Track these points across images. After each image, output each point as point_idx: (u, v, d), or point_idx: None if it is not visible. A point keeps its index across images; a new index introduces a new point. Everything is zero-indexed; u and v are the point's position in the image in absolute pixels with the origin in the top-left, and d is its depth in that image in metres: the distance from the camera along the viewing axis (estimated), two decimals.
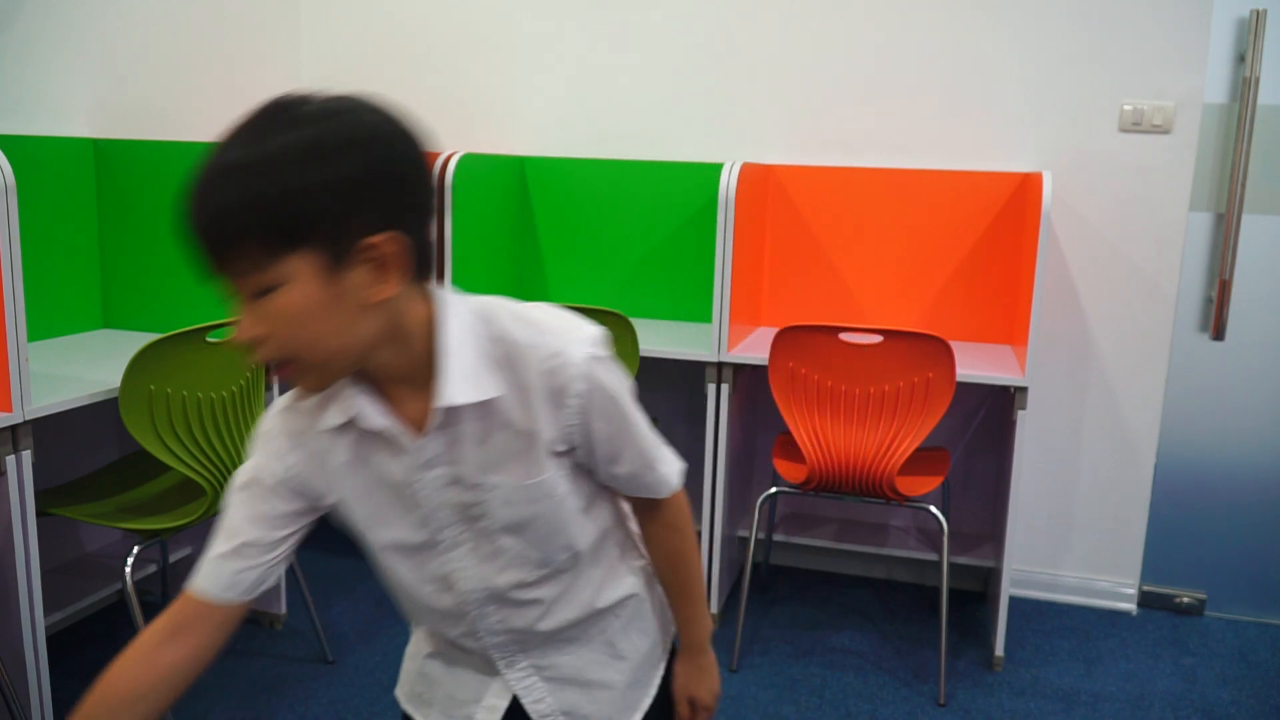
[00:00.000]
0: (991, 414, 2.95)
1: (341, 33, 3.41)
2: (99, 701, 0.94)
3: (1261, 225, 2.76)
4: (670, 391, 3.13)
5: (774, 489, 2.56)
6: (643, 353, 2.55)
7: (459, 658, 1.14)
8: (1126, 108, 2.75)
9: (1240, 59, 2.70)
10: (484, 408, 0.94)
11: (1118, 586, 2.97)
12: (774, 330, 2.39)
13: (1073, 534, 3.00)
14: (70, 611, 2.41)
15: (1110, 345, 2.87)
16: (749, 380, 2.84)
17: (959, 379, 2.31)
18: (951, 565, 2.68)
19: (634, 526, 1.16)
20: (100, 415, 2.21)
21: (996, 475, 2.89)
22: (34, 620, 1.91)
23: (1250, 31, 2.65)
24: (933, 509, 2.46)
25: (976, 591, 3.04)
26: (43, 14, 2.50)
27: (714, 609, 2.75)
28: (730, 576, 2.92)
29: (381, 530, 1.02)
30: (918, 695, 2.44)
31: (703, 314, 3.00)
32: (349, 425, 0.96)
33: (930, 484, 2.47)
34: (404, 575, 1.05)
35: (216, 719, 2.25)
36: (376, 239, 0.84)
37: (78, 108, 2.61)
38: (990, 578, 2.91)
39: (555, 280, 3.24)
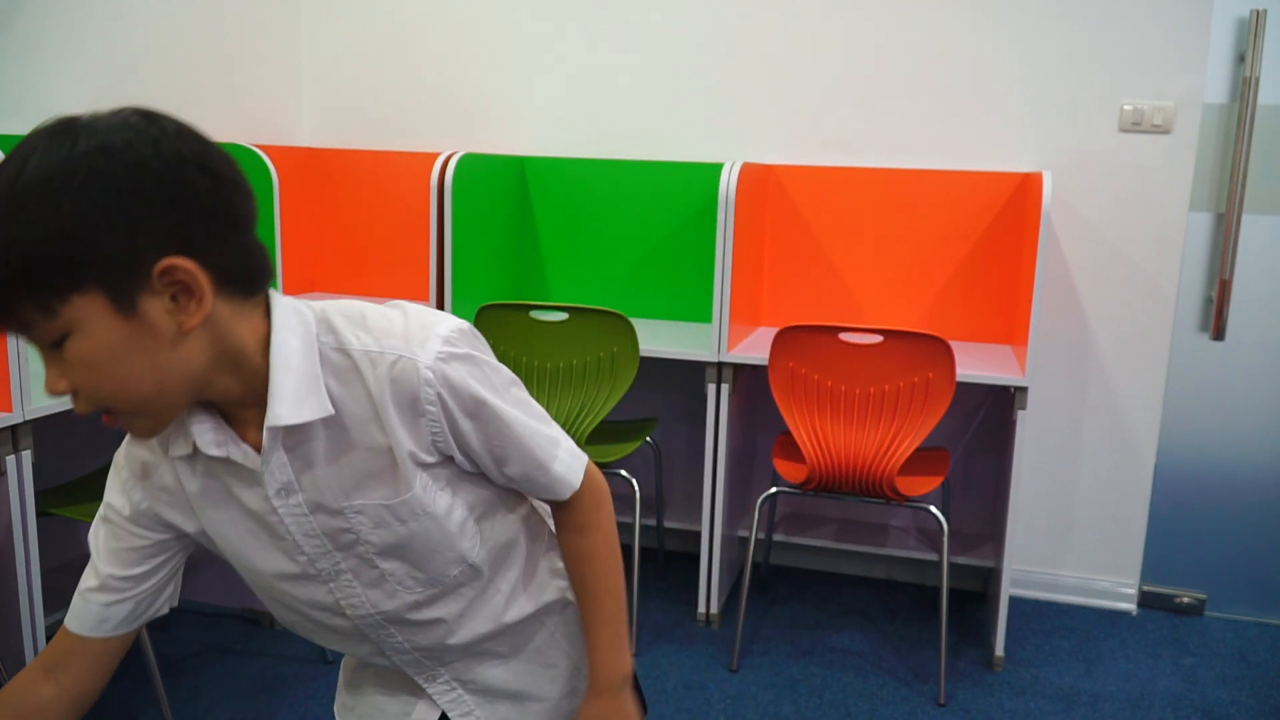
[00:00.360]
0: (991, 414, 2.95)
1: (341, 33, 3.41)
2: None
3: (1261, 225, 2.76)
4: (670, 391, 3.13)
5: (774, 489, 2.56)
6: (643, 353, 2.55)
7: (383, 670, 1.08)
8: (1126, 108, 2.75)
9: (1240, 59, 2.70)
10: (331, 426, 0.87)
11: (1118, 586, 2.97)
12: (774, 330, 2.39)
13: (1073, 534, 3.00)
14: None
15: (1110, 345, 2.87)
16: (749, 380, 2.84)
17: (959, 379, 2.31)
18: (951, 565, 2.68)
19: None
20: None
21: (996, 475, 2.89)
22: (34, 620, 1.91)
23: (1250, 31, 2.65)
24: (933, 509, 2.46)
25: (976, 591, 3.04)
26: (43, 14, 2.50)
27: (714, 609, 2.75)
28: (730, 576, 2.92)
29: (253, 561, 0.95)
30: (918, 695, 2.44)
31: (703, 314, 3.00)
32: (197, 457, 0.89)
33: (930, 484, 2.47)
34: (290, 602, 0.98)
35: (216, 719, 2.25)
36: (163, 264, 0.75)
37: (77, 108, 2.60)
38: (990, 578, 2.91)
39: (555, 280, 3.24)
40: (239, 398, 0.85)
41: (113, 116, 0.76)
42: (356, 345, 0.87)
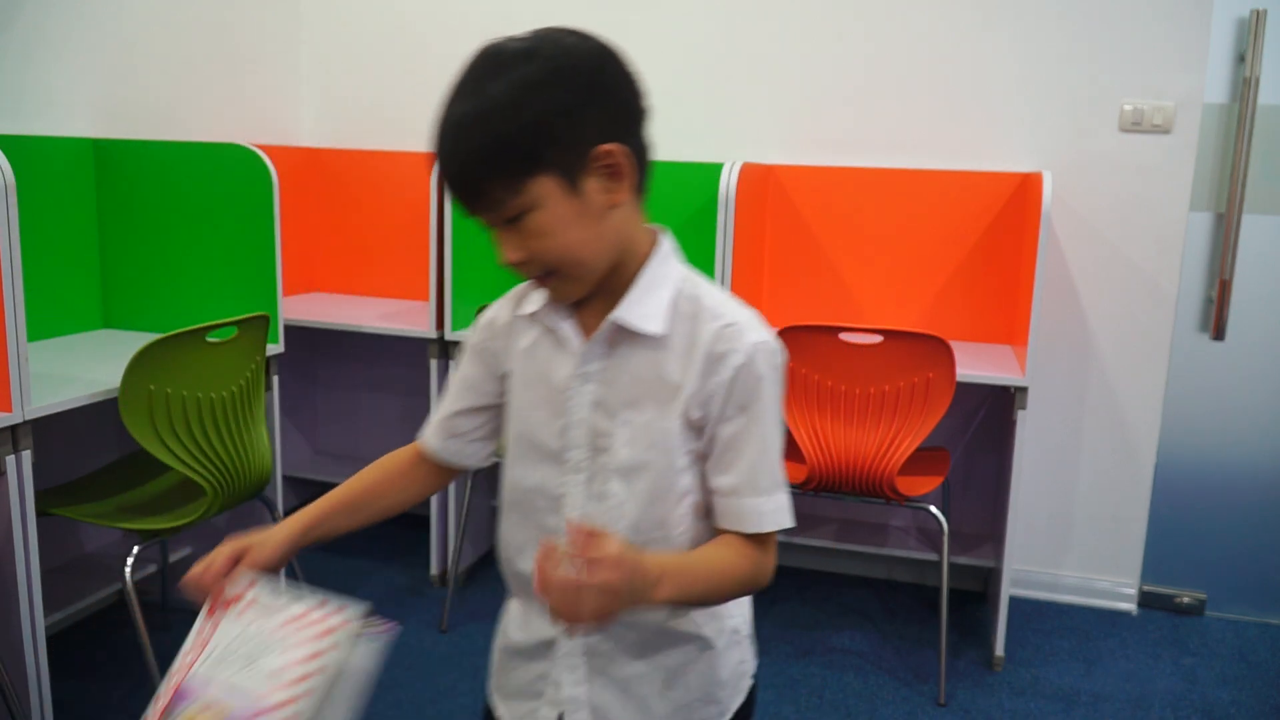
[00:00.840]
0: (991, 414, 2.95)
1: (341, 33, 3.41)
2: (364, 484, 1.14)
3: (1261, 225, 2.76)
4: None
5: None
6: None
7: (529, 654, 1.11)
8: (1126, 108, 2.75)
9: (1240, 59, 2.70)
10: (653, 346, 1.00)
11: (1118, 586, 2.97)
12: (774, 330, 2.39)
13: (1073, 534, 3.00)
14: (70, 611, 2.41)
15: (1110, 345, 2.87)
16: None
17: (959, 379, 2.31)
18: (951, 565, 2.68)
19: None
20: (100, 415, 2.20)
21: (996, 475, 2.89)
22: (34, 620, 1.91)
23: (1250, 31, 2.65)
24: (933, 509, 2.46)
25: (976, 591, 3.04)
26: (43, 14, 2.50)
27: None
28: None
29: (527, 423, 1.07)
30: (918, 695, 2.44)
31: None
32: (539, 318, 1.05)
33: (930, 484, 2.47)
34: (527, 478, 1.07)
35: None
36: (604, 148, 0.93)
37: (78, 108, 2.61)
38: (990, 578, 2.91)
39: None
40: (604, 287, 1.00)
41: (547, 34, 0.99)
42: (709, 300, 1.02)
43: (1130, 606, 2.96)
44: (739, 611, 1.13)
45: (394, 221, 3.38)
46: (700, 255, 3.04)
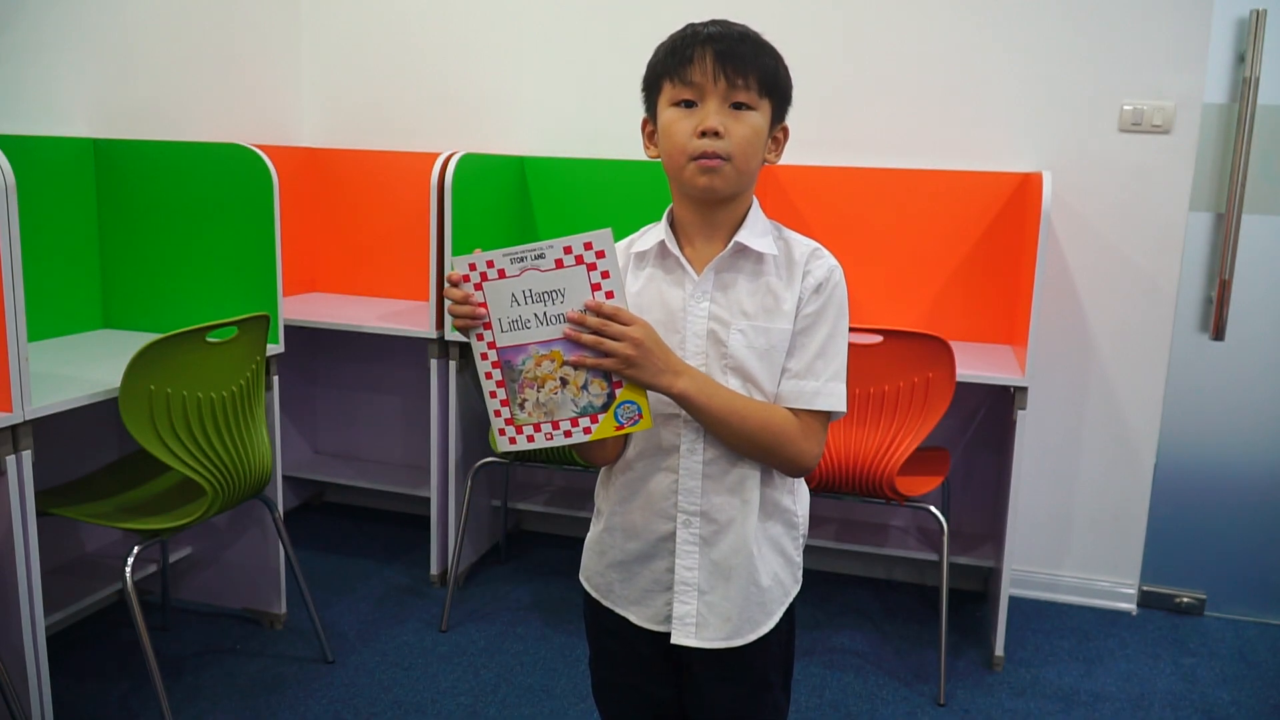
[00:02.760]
0: (991, 414, 2.95)
1: (341, 33, 3.41)
2: None
3: (1261, 225, 2.76)
4: None
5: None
6: None
7: (647, 556, 1.29)
8: (1126, 108, 2.75)
9: (1240, 59, 2.70)
10: (758, 265, 1.23)
11: (1118, 586, 2.97)
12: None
13: (1073, 534, 3.00)
14: (70, 611, 2.41)
15: (1110, 345, 2.87)
16: None
17: (959, 379, 2.31)
18: (951, 565, 2.68)
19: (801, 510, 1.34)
20: (100, 415, 2.20)
21: (996, 475, 2.89)
22: (34, 620, 1.91)
23: (1250, 31, 2.65)
24: (933, 509, 2.46)
25: (976, 591, 3.04)
26: (43, 14, 2.50)
27: None
28: None
29: None
30: (918, 695, 2.44)
31: None
32: (649, 257, 1.27)
33: (930, 484, 2.47)
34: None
35: (216, 719, 2.25)
36: (785, 126, 1.28)
37: (78, 108, 2.61)
38: (990, 578, 2.91)
39: None
40: (717, 222, 1.24)
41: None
42: (794, 236, 1.29)
43: (1130, 606, 2.96)
44: (803, 512, 1.35)
45: (394, 221, 3.38)
46: None
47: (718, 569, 1.26)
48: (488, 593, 2.92)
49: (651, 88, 1.26)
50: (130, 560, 2.07)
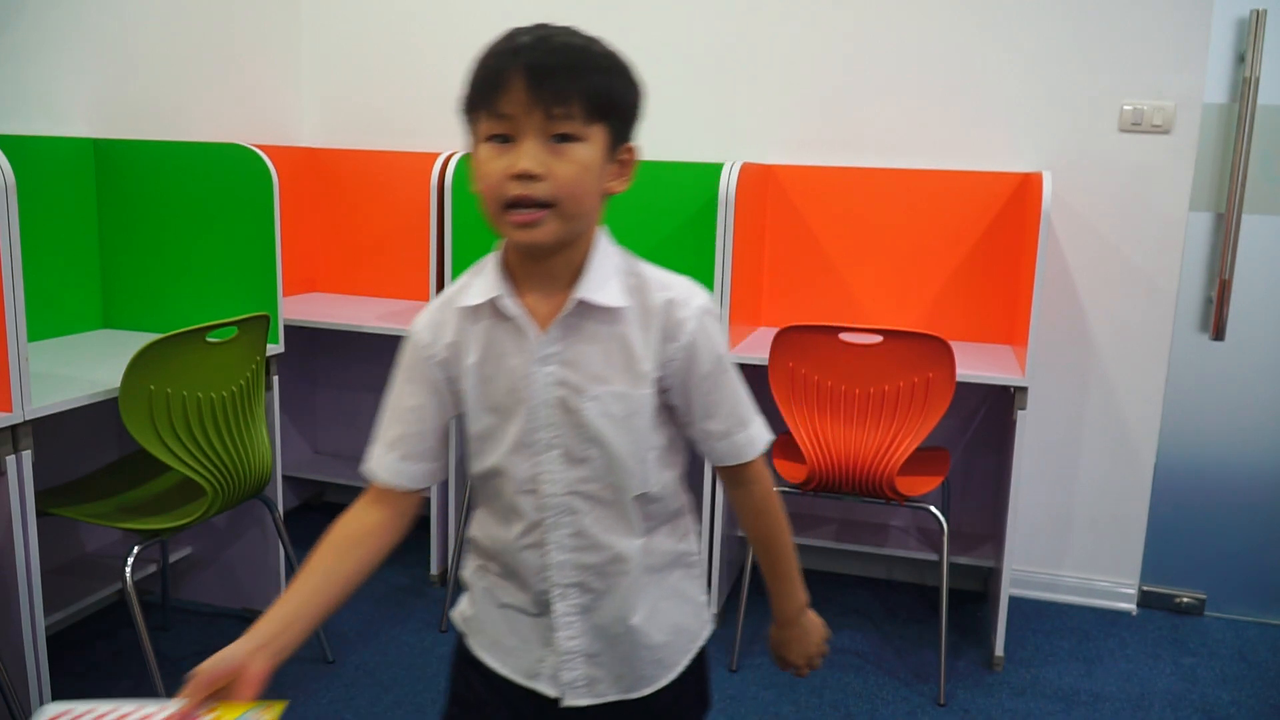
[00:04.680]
0: (991, 414, 2.95)
1: (341, 33, 3.41)
2: (329, 547, 1.12)
3: (1261, 225, 2.76)
4: None
5: (774, 489, 2.56)
6: None
7: (515, 627, 1.18)
8: (1126, 108, 2.75)
9: (1240, 59, 2.70)
10: (608, 320, 1.07)
11: (1118, 586, 2.97)
12: (774, 330, 2.39)
13: (1073, 534, 3.00)
14: (70, 611, 2.41)
15: (1110, 345, 2.87)
16: (749, 380, 2.82)
17: (959, 379, 2.31)
18: (951, 565, 2.68)
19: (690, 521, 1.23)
20: (100, 415, 2.20)
21: (996, 475, 2.89)
22: (34, 620, 1.91)
23: (1250, 31, 2.65)
24: (933, 509, 2.46)
25: (976, 591, 3.04)
26: (43, 14, 2.50)
27: (714, 609, 2.75)
28: (730, 576, 2.92)
29: (489, 418, 1.11)
30: (918, 695, 2.44)
31: None
32: (483, 312, 1.09)
33: (930, 484, 2.47)
34: (499, 467, 1.11)
35: None
36: (632, 145, 1.07)
37: (78, 108, 2.61)
38: (990, 578, 2.91)
39: None
40: (552, 271, 1.06)
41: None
42: (649, 274, 1.10)
43: (1130, 606, 2.96)
44: (691, 512, 1.24)
45: (394, 221, 3.38)
46: (700, 255, 3.04)
47: (604, 633, 1.14)
48: None
49: (466, 117, 1.06)
50: (130, 560, 2.07)
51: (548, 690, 1.16)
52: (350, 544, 1.13)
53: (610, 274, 1.07)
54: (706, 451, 1.16)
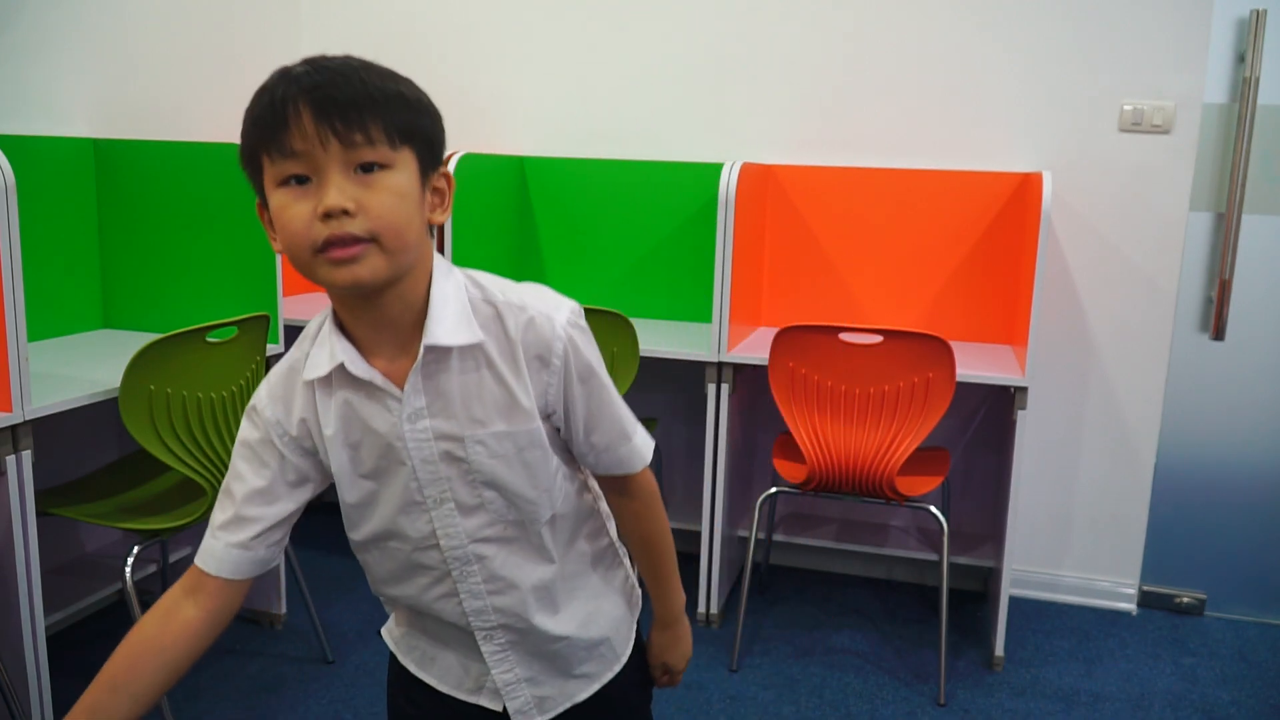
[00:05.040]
0: (991, 414, 2.95)
1: (341, 33, 3.41)
2: (125, 655, 0.98)
3: (1261, 225, 2.76)
4: (670, 391, 3.13)
5: (774, 489, 2.56)
6: (642, 353, 2.55)
7: (448, 663, 1.16)
8: (1126, 108, 2.75)
9: (1240, 59, 2.70)
10: (469, 359, 0.99)
11: (1118, 586, 2.97)
12: (774, 330, 2.39)
13: (1073, 534, 3.00)
14: (70, 611, 2.41)
15: (1110, 345, 2.87)
16: (749, 380, 2.84)
17: (959, 379, 2.31)
18: (951, 565, 2.68)
19: (601, 505, 1.19)
20: (100, 415, 2.20)
21: (996, 475, 2.89)
22: (34, 620, 1.91)
23: (1250, 31, 2.65)
24: (933, 509, 2.46)
25: (976, 591, 3.04)
26: (43, 14, 2.50)
27: (714, 609, 2.75)
28: (730, 576, 2.92)
29: (365, 485, 1.04)
30: (918, 695, 2.44)
31: (702, 314, 3.00)
32: (333, 384, 1.00)
33: (930, 484, 2.47)
34: (391, 542, 1.06)
35: (216, 719, 2.25)
36: (445, 169, 0.99)
37: (78, 108, 2.61)
38: (990, 578, 2.91)
39: (555, 280, 3.23)
40: (389, 320, 0.97)
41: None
42: (501, 298, 1.01)
43: (1130, 606, 2.96)
44: (603, 516, 1.19)
45: None
46: (700, 255, 3.04)
47: (539, 655, 1.12)
48: None
49: (251, 165, 0.93)
50: (130, 560, 2.07)
51: (493, 704, 1.13)
52: (152, 653, 0.99)
53: (456, 310, 0.98)
54: (591, 465, 1.11)
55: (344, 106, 0.88)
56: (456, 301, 0.98)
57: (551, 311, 1.01)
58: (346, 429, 1.01)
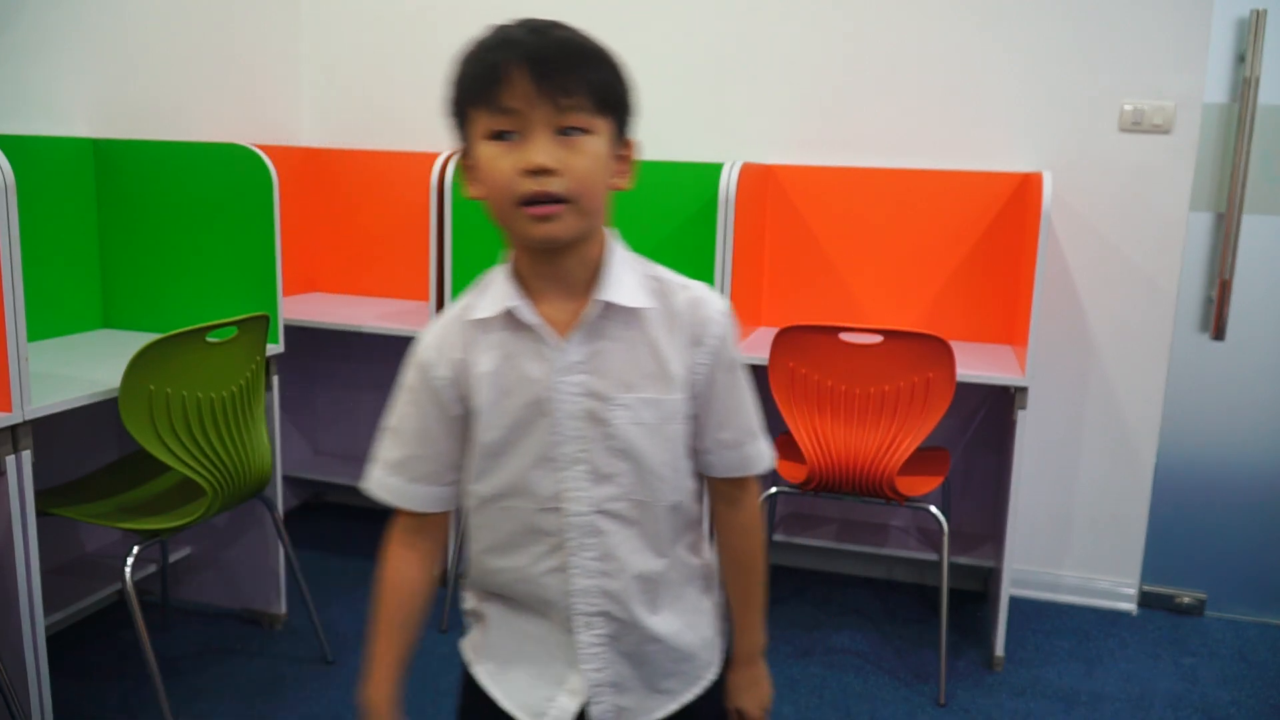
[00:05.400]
0: (991, 414, 2.95)
1: (342, 32, 3.41)
2: (393, 602, 1.13)
3: (1261, 225, 2.76)
4: None
5: (774, 489, 2.56)
6: None
7: (535, 641, 1.12)
8: (1126, 108, 2.75)
9: (1240, 59, 2.70)
10: (631, 324, 1.03)
11: (1118, 586, 2.97)
12: (774, 330, 2.39)
13: (1073, 534, 3.00)
14: (70, 611, 2.41)
15: (1110, 345, 2.87)
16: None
17: (959, 379, 2.31)
18: (951, 565, 2.68)
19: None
20: (100, 415, 2.20)
21: (996, 475, 2.89)
22: (34, 620, 1.91)
23: (1250, 31, 2.65)
24: (933, 509, 2.46)
25: (976, 591, 3.04)
26: (43, 14, 2.50)
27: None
28: None
29: (504, 432, 1.05)
30: (918, 695, 2.44)
31: None
32: (495, 325, 1.04)
33: (930, 484, 2.47)
34: (515, 501, 1.07)
35: (216, 719, 2.25)
36: (631, 141, 1.05)
37: (78, 108, 2.61)
38: (990, 578, 2.91)
39: None
40: (566, 276, 1.02)
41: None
42: (665, 274, 1.07)
43: (1130, 606, 2.96)
44: (713, 557, 1.20)
45: (394, 221, 3.38)
46: (700, 255, 3.04)
47: (631, 658, 1.09)
48: None
49: (459, 116, 1.01)
50: (130, 560, 2.07)
51: None
52: (411, 594, 1.14)
53: (628, 275, 1.04)
54: (712, 463, 1.11)
55: (558, 73, 0.94)
56: (629, 268, 1.04)
57: (712, 298, 1.07)
58: (500, 372, 1.04)
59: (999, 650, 2.58)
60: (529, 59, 0.93)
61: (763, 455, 1.13)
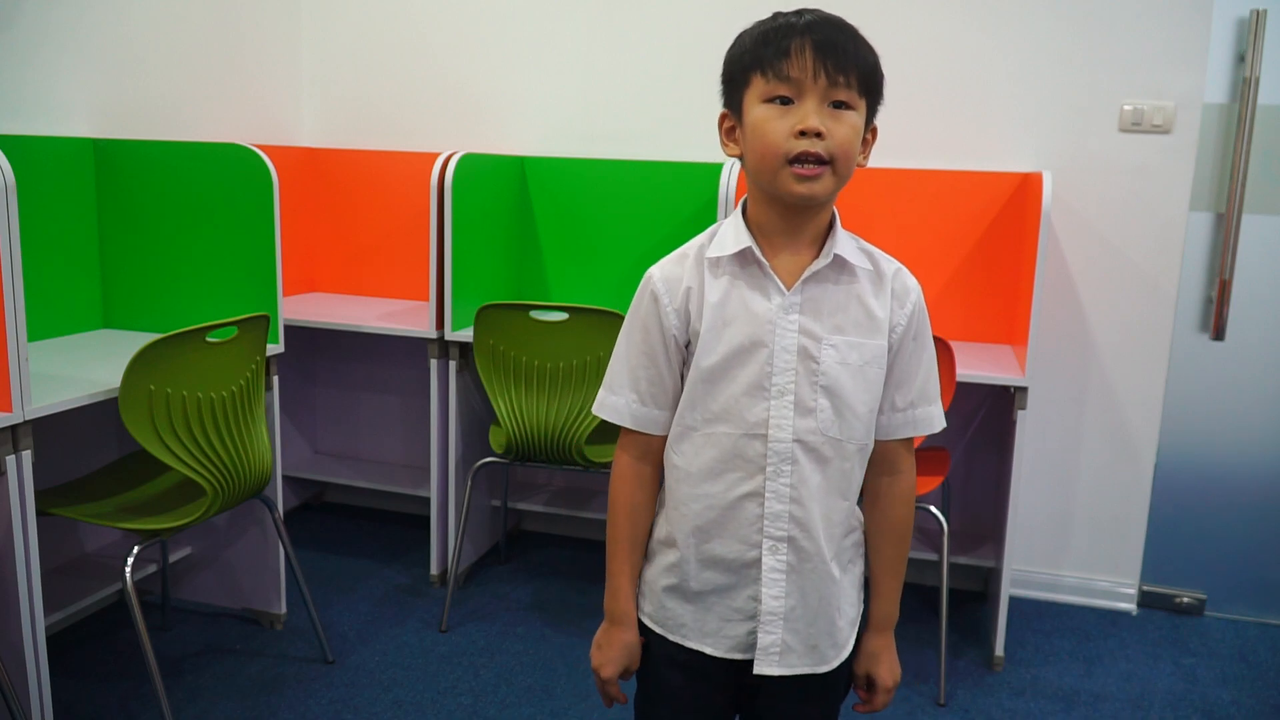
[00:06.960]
0: (991, 414, 2.95)
1: (341, 33, 3.41)
2: (628, 520, 1.25)
3: (1261, 225, 2.76)
4: None
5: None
6: None
7: (719, 588, 1.21)
8: (1126, 108, 2.75)
9: (1240, 59, 2.70)
10: (848, 279, 1.17)
11: (1118, 586, 2.97)
12: None
13: (1073, 534, 3.00)
14: (70, 611, 2.41)
15: (1110, 345, 2.87)
16: None
17: (959, 379, 2.31)
18: (951, 565, 2.68)
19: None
20: (100, 415, 2.21)
21: (996, 475, 2.89)
22: (34, 620, 1.91)
23: (1250, 31, 2.65)
24: (933, 509, 2.46)
25: (976, 591, 3.04)
26: (43, 14, 2.50)
27: None
28: None
29: (723, 359, 1.16)
30: (918, 695, 2.44)
31: None
32: (725, 264, 1.17)
33: (930, 484, 2.47)
34: (726, 411, 1.17)
35: (216, 719, 2.25)
36: (875, 126, 1.19)
37: (78, 108, 2.61)
38: (990, 578, 2.91)
39: (555, 280, 3.24)
40: (801, 232, 1.16)
41: None
42: (874, 249, 1.23)
43: (1130, 606, 2.96)
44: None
45: (394, 221, 3.38)
46: None
47: (804, 596, 1.19)
48: (488, 593, 2.92)
49: (736, 81, 1.15)
50: (130, 560, 2.07)
51: (740, 656, 1.21)
52: (645, 512, 1.26)
53: (848, 240, 1.19)
54: (884, 423, 1.21)
55: (839, 53, 1.09)
56: (848, 235, 1.20)
57: (913, 277, 1.22)
58: (725, 304, 1.16)
59: (999, 650, 2.58)
60: (814, 38, 1.09)
61: (932, 419, 1.23)
